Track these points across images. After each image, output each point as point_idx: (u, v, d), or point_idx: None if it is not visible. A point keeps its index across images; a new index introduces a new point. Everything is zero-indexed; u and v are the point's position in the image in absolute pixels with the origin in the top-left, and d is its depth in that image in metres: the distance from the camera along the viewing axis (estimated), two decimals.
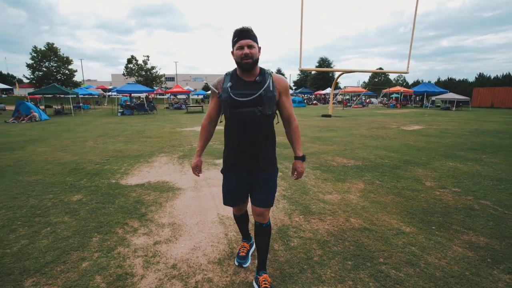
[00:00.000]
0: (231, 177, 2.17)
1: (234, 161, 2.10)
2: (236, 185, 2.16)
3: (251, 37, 1.90)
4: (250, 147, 2.03)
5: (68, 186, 4.72)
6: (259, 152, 2.05)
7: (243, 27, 1.92)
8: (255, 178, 2.10)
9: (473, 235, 2.97)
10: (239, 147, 2.05)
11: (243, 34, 1.90)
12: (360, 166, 5.79)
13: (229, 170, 2.16)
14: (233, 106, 1.95)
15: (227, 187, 2.22)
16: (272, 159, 2.13)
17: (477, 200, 3.91)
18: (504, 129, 11.73)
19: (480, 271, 2.36)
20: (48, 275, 2.41)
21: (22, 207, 3.85)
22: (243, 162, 2.08)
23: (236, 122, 2.01)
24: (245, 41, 1.88)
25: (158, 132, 11.46)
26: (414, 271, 2.37)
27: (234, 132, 2.05)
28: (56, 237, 3.02)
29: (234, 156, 2.09)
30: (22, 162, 6.38)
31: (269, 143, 2.10)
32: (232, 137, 2.08)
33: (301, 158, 2.16)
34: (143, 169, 5.71)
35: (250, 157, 2.05)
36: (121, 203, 3.93)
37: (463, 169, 5.50)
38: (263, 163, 2.07)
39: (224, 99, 1.98)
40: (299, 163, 2.16)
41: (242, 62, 1.90)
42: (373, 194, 4.22)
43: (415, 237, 2.93)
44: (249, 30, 1.91)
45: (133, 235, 3.08)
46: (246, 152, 2.04)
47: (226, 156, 2.16)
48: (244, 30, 1.91)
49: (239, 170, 2.11)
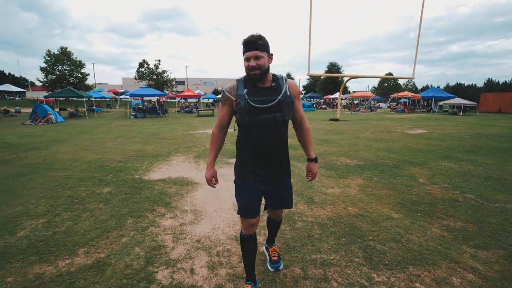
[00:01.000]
0: (247, 185, 2.09)
1: (252, 169, 2.07)
2: (253, 195, 2.10)
3: (257, 47, 1.87)
4: (270, 154, 2.04)
5: (97, 180, 5.29)
6: (278, 158, 2.09)
7: (250, 36, 1.89)
8: (273, 183, 2.13)
9: (452, 220, 3.46)
10: (258, 155, 2.04)
11: (249, 45, 1.88)
12: (361, 165, 6.27)
13: (245, 178, 2.09)
14: (252, 113, 1.94)
15: (244, 197, 2.11)
16: (288, 163, 2.20)
17: (462, 194, 4.38)
18: (506, 134, 12.06)
19: (451, 246, 2.85)
20: (96, 246, 2.96)
21: (60, 197, 4.43)
22: (262, 170, 2.07)
23: (254, 129, 1.98)
24: (252, 53, 1.87)
25: (172, 134, 12.08)
26: (396, 245, 2.88)
27: (252, 140, 2.02)
28: (96, 220, 3.58)
29: (252, 164, 2.07)
30: (50, 160, 7.01)
31: (285, 148, 2.14)
32: (249, 144, 2.05)
33: (314, 159, 2.20)
34: (162, 166, 6.28)
35: (269, 164, 2.07)
36: (147, 194, 4.49)
37: (456, 168, 5.95)
38: (282, 167, 2.13)
39: (242, 106, 1.95)
40: (313, 165, 2.20)
41: (250, 73, 1.91)
42: (370, 188, 4.71)
43: (402, 222, 3.43)
44: (255, 40, 1.88)
45: (161, 218, 3.62)
46: (265, 158, 2.05)
47: (242, 165, 2.11)
48: (249, 41, 1.88)
49: (257, 178, 2.08)
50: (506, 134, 11.95)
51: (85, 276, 2.45)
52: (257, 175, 2.07)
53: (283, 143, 2.10)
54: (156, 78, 48.94)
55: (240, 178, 2.13)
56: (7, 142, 10.19)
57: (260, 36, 1.89)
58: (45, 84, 42.96)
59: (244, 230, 2.18)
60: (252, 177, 2.07)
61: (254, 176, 2.07)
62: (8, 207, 4.00)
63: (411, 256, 2.69)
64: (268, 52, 1.94)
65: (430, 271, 2.46)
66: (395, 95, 41.65)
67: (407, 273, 2.45)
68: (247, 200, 2.09)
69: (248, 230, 2.16)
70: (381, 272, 2.46)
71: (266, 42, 1.92)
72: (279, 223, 2.51)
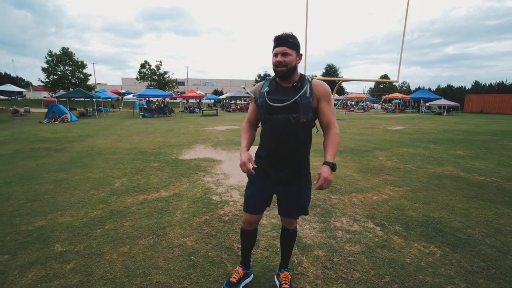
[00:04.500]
0: (256, 182, 2.09)
1: (263, 167, 2.02)
2: (260, 192, 2.09)
3: (287, 44, 1.87)
4: (282, 156, 1.97)
5: (144, 160, 7.21)
6: (291, 162, 1.99)
7: (282, 33, 1.90)
8: (284, 189, 2.06)
9: (388, 176, 5.46)
10: (270, 155, 2.01)
11: (279, 41, 1.88)
12: (341, 150, 8.25)
13: (256, 174, 2.01)
14: (267, 111, 1.94)
15: (251, 192, 2.13)
16: (305, 171, 2.05)
17: (404, 165, 6.39)
18: (469, 129, 14.16)
19: (382, 188, 4.85)
20: (170, 188, 4.88)
21: (126, 168, 6.33)
22: (272, 170, 2.02)
23: (269, 128, 1.98)
24: (280, 49, 1.86)
25: (185, 130, 14.03)
26: (348, 186, 4.87)
27: (268, 139, 2.01)
28: (160, 179, 5.51)
29: (263, 162, 2.03)
30: (96, 148, 8.89)
31: (303, 153, 2.02)
32: (265, 143, 2.04)
33: (330, 164, 1.88)
34: (189, 152, 8.23)
35: (281, 166, 2.00)
36: (187, 166, 6.44)
37: (411, 151, 7.98)
38: (294, 174, 2.02)
39: (260, 104, 1.98)
40: (326, 168, 1.86)
41: (276, 70, 1.90)
42: (343, 163, 6.69)
43: (356, 177, 5.42)
44: (286, 38, 1.88)
45: (203, 177, 5.57)
46: (277, 160, 1.99)
47: (256, 161, 2.05)
48: (280, 37, 1.88)
49: (266, 177, 2.05)
50: (469, 130, 14.04)
51: (173, 199, 4.39)
52: (268, 174, 2.03)
53: (300, 147, 1.99)
54: (158, 79, 50.02)
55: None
56: (44, 137, 11.88)
57: (292, 35, 1.90)
58: (47, 84, 43.08)
59: (243, 224, 2.22)
60: (263, 175, 2.04)
61: (264, 175, 2.04)
62: (93, 174, 5.90)
63: (355, 189, 4.69)
64: (298, 51, 1.93)
65: (363, 195, 4.44)
66: (387, 96, 43.84)
67: (349, 196, 4.42)
68: (252, 196, 2.11)
69: (247, 225, 2.20)
70: (336, 196, 4.42)
71: (297, 41, 1.92)
72: (292, 235, 2.30)
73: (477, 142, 9.97)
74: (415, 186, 4.91)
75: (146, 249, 2.91)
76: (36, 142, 10.10)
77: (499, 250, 2.86)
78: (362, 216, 3.69)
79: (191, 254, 2.82)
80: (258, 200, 2.11)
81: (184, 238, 3.12)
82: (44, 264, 2.63)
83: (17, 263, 2.65)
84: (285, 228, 2.28)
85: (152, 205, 4.09)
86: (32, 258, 2.73)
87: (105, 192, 4.68)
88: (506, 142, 9.90)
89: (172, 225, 3.45)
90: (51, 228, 3.38)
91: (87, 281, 2.39)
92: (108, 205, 4.10)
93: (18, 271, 2.53)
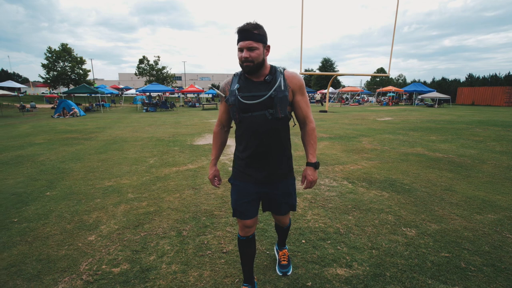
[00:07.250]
0: (239, 186, 1.98)
1: (243, 170, 1.95)
2: (243, 195, 1.96)
3: (252, 37, 1.69)
4: (262, 155, 1.88)
5: (165, 145, 8.53)
6: (272, 161, 1.91)
7: (245, 24, 1.71)
8: (269, 188, 1.98)
9: (366, 155, 6.86)
10: (250, 155, 1.89)
11: (243, 35, 1.71)
12: (331, 137, 9.62)
13: (238, 178, 1.98)
14: (241, 110, 1.83)
15: (235, 198, 2.00)
16: (287, 166, 2.00)
17: (382, 147, 7.78)
18: (451, 119, 15.58)
19: (359, 162, 6.24)
20: (194, 164, 6.21)
21: (152, 151, 7.66)
22: (253, 172, 1.92)
23: (245, 127, 1.86)
24: (245, 43, 1.70)
25: (191, 122, 15.36)
26: (333, 160, 6.24)
27: (245, 139, 1.89)
28: (185, 157, 6.83)
29: (244, 165, 1.94)
30: (118, 138, 10.19)
31: (283, 149, 1.93)
32: (242, 144, 1.92)
33: (313, 164, 1.89)
34: (200, 139, 9.57)
35: (262, 166, 1.91)
36: (203, 149, 7.78)
37: (391, 137, 9.37)
38: (277, 172, 1.95)
39: (232, 103, 1.85)
40: (310, 170, 1.89)
41: (243, 65, 1.76)
42: (331, 145, 8.07)
43: (341, 155, 6.81)
44: (250, 29, 1.69)
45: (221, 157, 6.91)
46: (258, 160, 1.90)
47: (236, 164, 2.01)
48: (244, 29, 1.70)
49: (248, 180, 1.95)
50: (450, 120, 15.46)
51: (199, 169, 5.74)
52: (249, 176, 1.94)
53: (280, 144, 1.91)
54: (156, 74, 50.75)
55: (233, 177, 2.04)
56: (64, 129, 13.02)
57: (257, 25, 1.72)
58: (47, 80, 43.40)
59: (240, 231, 2.09)
60: (245, 178, 1.96)
61: (246, 177, 1.95)
62: (128, 155, 7.23)
63: (338, 162, 6.09)
64: (265, 43, 1.77)
65: (343, 166, 5.81)
66: (381, 89, 45.19)
67: (333, 167, 5.79)
68: (238, 202, 1.98)
69: (244, 231, 2.06)
70: (323, 167, 5.78)
71: (263, 32, 1.74)
72: (285, 229, 2.38)
73: (452, 129, 11.36)
74: (385, 160, 6.30)
75: (191, 195, 4.28)
76: (63, 133, 11.40)
77: (428, 194, 4.25)
78: (340, 178, 5.07)
79: (222, 197, 4.19)
80: (245, 206, 1.97)
81: (215, 190, 4.49)
82: (126, 203, 4.01)
83: (108, 202, 4.03)
84: (277, 225, 2.37)
85: (185, 173, 5.45)
86: (116, 200, 4.10)
87: (145, 166, 6.04)
88: (478, 130, 11.28)
89: (204, 183, 4.82)
90: (118, 186, 4.75)
91: (160, 209, 3.78)
92: (151, 174, 5.46)
93: (113, 206, 3.91)
